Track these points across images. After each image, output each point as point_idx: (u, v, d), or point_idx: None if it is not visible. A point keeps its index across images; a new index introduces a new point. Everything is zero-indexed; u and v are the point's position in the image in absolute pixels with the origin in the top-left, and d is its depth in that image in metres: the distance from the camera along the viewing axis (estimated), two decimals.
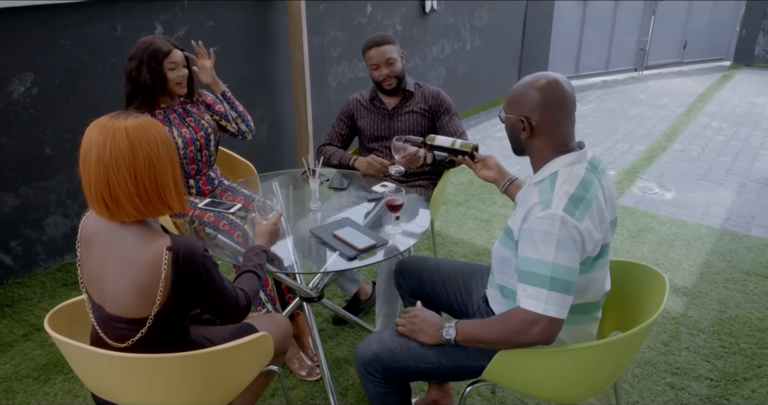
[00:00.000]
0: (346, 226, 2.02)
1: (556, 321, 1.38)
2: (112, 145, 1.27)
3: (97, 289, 1.40)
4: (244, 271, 1.64)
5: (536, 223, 1.39)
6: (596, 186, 1.46)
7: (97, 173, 1.29)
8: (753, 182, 4.34)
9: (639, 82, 7.50)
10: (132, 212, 1.32)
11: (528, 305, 1.39)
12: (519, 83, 1.53)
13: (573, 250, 1.38)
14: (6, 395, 2.21)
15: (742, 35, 8.35)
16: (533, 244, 1.40)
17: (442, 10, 5.24)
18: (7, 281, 2.92)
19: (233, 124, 2.48)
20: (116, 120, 1.30)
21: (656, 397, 2.22)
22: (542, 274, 1.38)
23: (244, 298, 1.51)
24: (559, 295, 1.37)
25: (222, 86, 2.41)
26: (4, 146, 2.76)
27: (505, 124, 1.56)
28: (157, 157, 1.32)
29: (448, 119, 2.60)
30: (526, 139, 1.51)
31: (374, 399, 1.69)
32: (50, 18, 2.76)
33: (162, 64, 2.19)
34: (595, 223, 1.43)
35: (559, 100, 1.47)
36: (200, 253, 1.35)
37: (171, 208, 1.38)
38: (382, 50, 2.49)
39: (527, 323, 1.39)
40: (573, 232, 1.37)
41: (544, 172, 1.51)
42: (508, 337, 1.44)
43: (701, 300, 2.82)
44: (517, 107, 1.50)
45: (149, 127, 1.32)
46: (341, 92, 4.44)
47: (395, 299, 2.31)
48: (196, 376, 1.42)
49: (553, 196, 1.41)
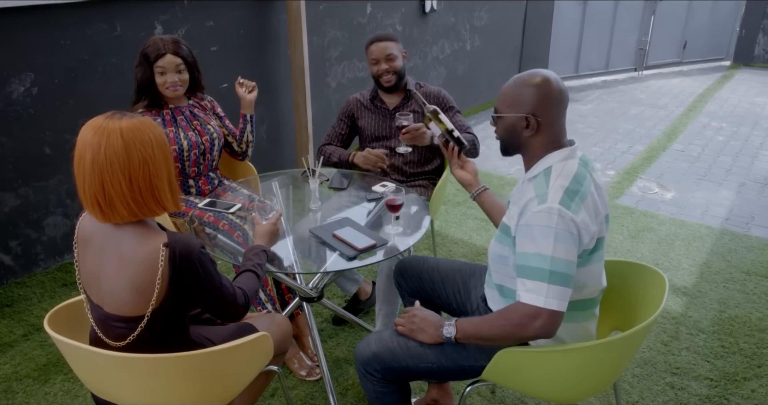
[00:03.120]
0: (346, 226, 2.02)
1: (556, 314, 1.38)
2: (106, 146, 1.26)
3: (95, 289, 1.39)
4: (243, 271, 1.64)
5: (533, 218, 1.40)
6: (589, 180, 1.48)
7: (91, 175, 1.28)
8: (753, 182, 4.34)
9: (639, 82, 7.50)
10: (125, 214, 1.31)
11: (528, 299, 1.39)
12: (512, 82, 1.53)
13: (570, 242, 1.39)
14: (6, 395, 2.21)
15: (742, 35, 8.34)
16: (531, 239, 1.40)
17: (442, 10, 5.24)
18: (6, 281, 2.92)
19: (241, 146, 2.53)
20: (111, 121, 1.29)
21: (656, 397, 2.22)
22: (541, 268, 1.38)
23: (242, 296, 1.51)
24: (559, 287, 1.38)
25: (252, 111, 2.49)
26: (4, 146, 2.76)
27: (501, 124, 1.56)
28: (152, 158, 1.31)
29: (451, 117, 2.60)
30: (529, 136, 1.52)
31: (374, 399, 1.69)
32: (50, 18, 2.76)
33: (152, 66, 2.20)
34: (591, 215, 1.44)
35: (556, 96, 1.49)
36: (197, 250, 1.34)
37: (166, 209, 1.37)
38: (383, 45, 2.50)
39: (528, 317, 1.39)
40: (570, 225, 1.39)
41: (537, 167, 1.52)
42: (508, 332, 1.43)
43: (701, 300, 2.82)
44: (517, 105, 1.50)
45: (144, 128, 1.31)
46: (341, 92, 4.44)
47: (395, 299, 2.31)
48: (195, 376, 1.42)
49: (548, 190, 1.42)
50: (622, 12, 7.31)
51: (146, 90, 2.25)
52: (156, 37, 2.23)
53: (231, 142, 2.52)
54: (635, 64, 7.84)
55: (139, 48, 2.23)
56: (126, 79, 3.00)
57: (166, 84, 2.23)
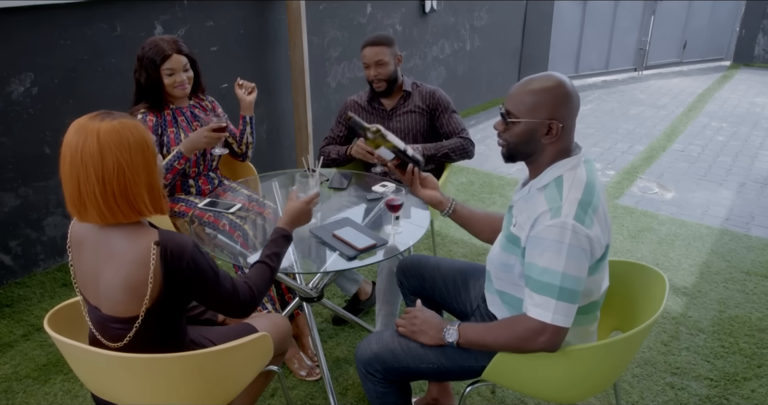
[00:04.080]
0: (345, 226, 2.02)
1: (562, 330, 1.39)
2: (83, 148, 1.24)
3: (92, 291, 1.39)
4: (256, 262, 1.59)
5: (546, 232, 1.38)
6: (599, 187, 1.46)
7: (69, 175, 1.27)
8: (753, 182, 4.34)
9: (639, 82, 7.50)
10: (96, 217, 1.29)
11: (535, 314, 1.39)
12: (529, 86, 1.45)
13: (582, 258, 1.37)
14: (6, 395, 2.21)
15: (741, 35, 8.35)
16: (542, 253, 1.38)
17: (442, 10, 5.24)
18: (6, 281, 2.92)
19: (241, 147, 2.53)
20: (92, 121, 1.27)
21: (656, 397, 2.22)
22: (551, 284, 1.37)
23: (246, 291, 1.46)
24: (567, 304, 1.37)
25: (252, 112, 2.48)
26: (4, 146, 2.76)
27: (516, 129, 1.47)
28: (128, 162, 1.27)
29: (448, 117, 2.59)
30: (548, 143, 1.46)
31: (374, 399, 1.69)
32: (50, 18, 2.76)
33: (159, 69, 2.19)
34: (603, 227, 1.42)
35: (575, 101, 1.46)
36: (190, 247, 1.32)
37: (141, 214, 1.32)
38: (375, 51, 2.48)
39: (534, 332, 1.39)
40: (583, 241, 1.36)
41: (546, 176, 1.48)
42: (513, 345, 1.44)
43: (701, 300, 2.82)
44: (539, 110, 1.43)
45: (123, 130, 1.27)
46: (341, 92, 4.44)
47: (395, 299, 2.31)
48: (195, 376, 1.42)
49: (562, 203, 1.39)
50: (622, 12, 7.31)
51: (150, 92, 2.24)
52: (154, 39, 2.22)
53: (231, 143, 2.52)
54: (635, 64, 7.85)
55: (137, 52, 2.21)
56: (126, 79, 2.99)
57: (175, 84, 2.23)
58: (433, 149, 2.49)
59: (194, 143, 2.24)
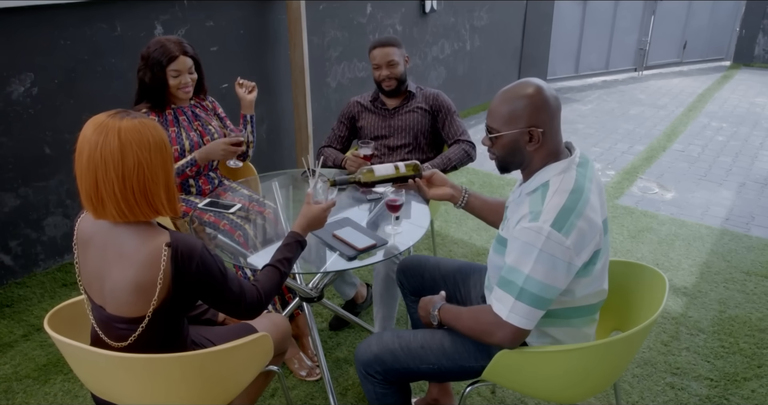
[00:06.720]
0: (346, 226, 2.02)
1: (519, 331, 1.40)
2: (103, 145, 1.25)
3: (97, 290, 1.39)
4: (266, 265, 1.60)
5: (521, 233, 1.40)
6: (587, 191, 1.44)
7: (87, 171, 1.27)
8: (753, 182, 4.34)
9: (639, 82, 7.50)
10: (114, 214, 1.29)
11: (496, 308, 1.43)
12: (503, 98, 1.46)
13: (554, 267, 1.36)
14: (6, 395, 2.21)
15: (742, 35, 8.35)
16: (512, 251, 1.41)
17: (442, 10, 5.24)
18: (6, 281, 2.92)
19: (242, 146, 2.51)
20: (112, 119, 1.28)
21: (656, 397, 2.22)
22: (514, 282, 1.39)
23: (254, 294, 1.47)
24: (527, 307, 1.38)
25: (252, 111, 2.48)
26: (4, 146, 2.76)
27: (500, 143, 1.48)
28: (148, 161, 1.28)
29: (450, 120, 2.62)
30: (534, 150, 1.47)
31: (374, 400, 1.69)
32: (50, 18, 2.76)
33: (165, 70, 2.18)
34: (584, 234, 1.39)
35: (552, 104, 1.45)
36: (200, 249, 1.33)
37: (158, 213, 1.34)
38: (386, 51, 2.53)
39: (493, 325, 1.43)
40: (556, 249, 1.35)
41: (535, 180, 1.48)
42: (476, 334, 1.49)
43: (701, 300, 2.82)
44: (515, 121, 1.44)
45: (144, 129, 1.29)
46: (341, 92, 4.44)
47: (392, 302, 2.31)
48: (195, 376, 1.42)
49: (543, 208, 1.39)
50: (622, 12, 7.31)
51: (154, 92, 2.24)
52: (159, 39, 2.21)
53: None
54: (635, 64, 7.84)
55: (142, 51, 2.20)
56: (126, 79, 3.00)
57: (180, 85, 2.22)
58: (441, 165, 2.52)
59: (210, 153, 2.27)
